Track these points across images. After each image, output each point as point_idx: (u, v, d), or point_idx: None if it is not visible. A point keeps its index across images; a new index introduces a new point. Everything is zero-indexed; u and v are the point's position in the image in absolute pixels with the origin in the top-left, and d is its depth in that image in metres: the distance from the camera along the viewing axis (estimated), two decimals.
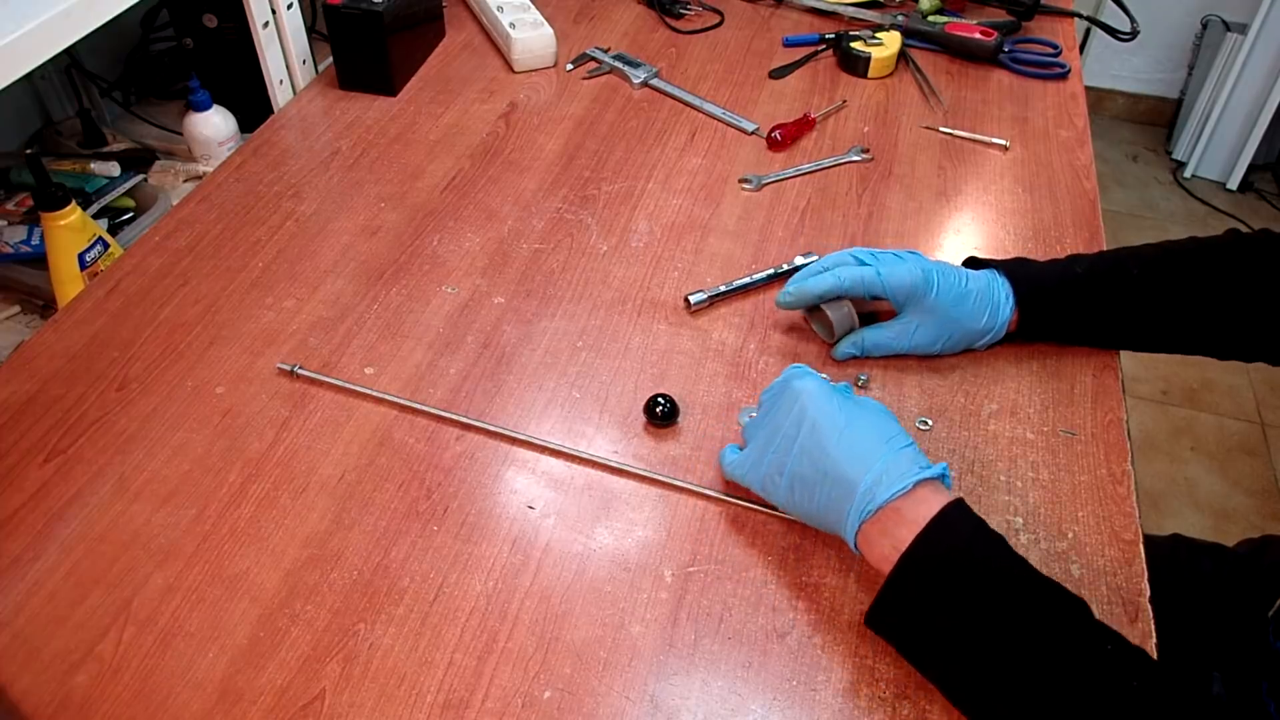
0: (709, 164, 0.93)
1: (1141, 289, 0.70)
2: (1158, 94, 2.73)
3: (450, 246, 0.82)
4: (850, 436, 0.55)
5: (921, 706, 0.53)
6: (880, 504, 0.52)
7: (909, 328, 0.71)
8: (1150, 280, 0.70)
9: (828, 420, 0.56)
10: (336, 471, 0.64)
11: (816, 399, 0.57)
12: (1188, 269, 0.71)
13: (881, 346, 0.72)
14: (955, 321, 0.70)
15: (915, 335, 0.71)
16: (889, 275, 0.69)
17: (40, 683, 0.53)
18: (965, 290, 0.70)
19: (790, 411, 0.57)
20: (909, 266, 0.69)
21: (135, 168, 1.02)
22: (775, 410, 0.59)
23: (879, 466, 0.53)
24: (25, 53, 0.67)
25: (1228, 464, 1.86)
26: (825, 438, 0.55)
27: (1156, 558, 0.60)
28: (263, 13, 0.96)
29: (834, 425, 0.55)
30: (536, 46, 1.05)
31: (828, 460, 0.54)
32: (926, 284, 0.69)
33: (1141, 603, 0.58)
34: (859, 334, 0.72)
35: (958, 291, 0.69)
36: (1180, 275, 0.70)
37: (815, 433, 0.55)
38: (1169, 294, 0.70)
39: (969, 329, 0.70)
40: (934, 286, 0.69)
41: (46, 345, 0.72)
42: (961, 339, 0.71)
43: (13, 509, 0.61)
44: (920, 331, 0.71)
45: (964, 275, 0.70)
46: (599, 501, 0.63)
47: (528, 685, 0.53)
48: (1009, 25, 1.14)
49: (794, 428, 0.57)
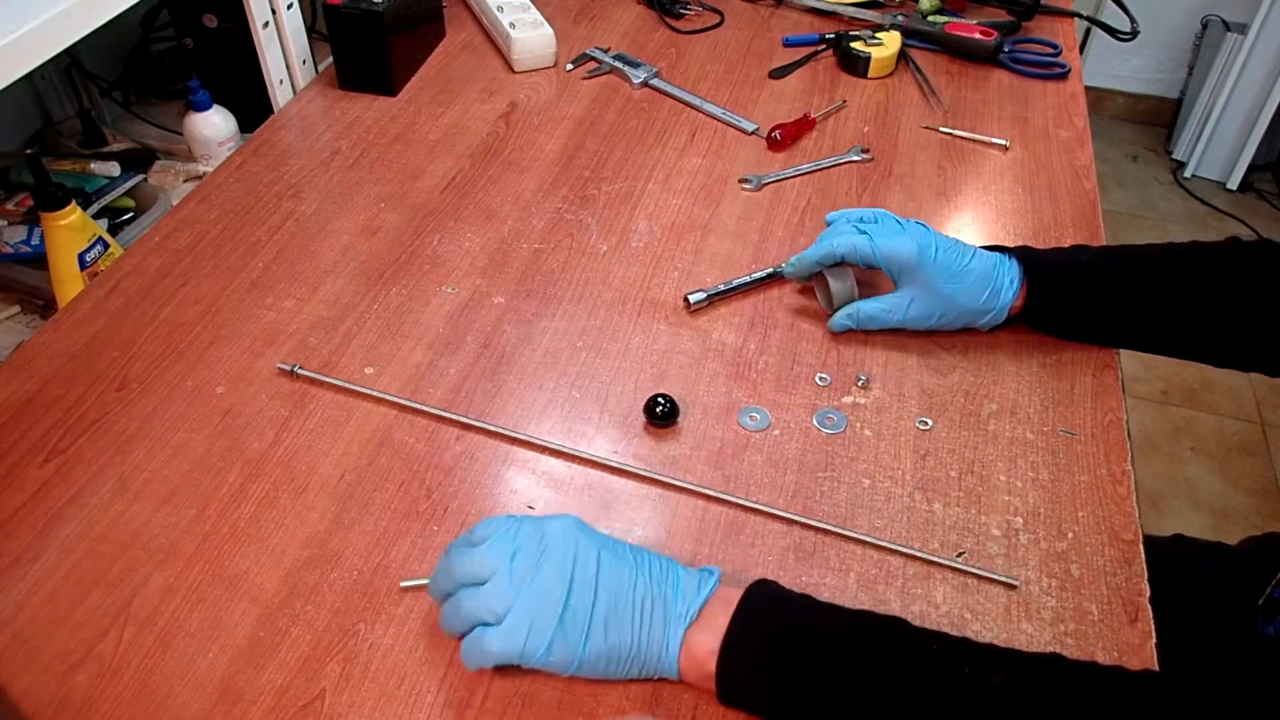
0: (709, 164, 0.93)
1: (1144, 286, 0.70)
2: (1158, 94, 2.73)
3: (450, 246, 0.82)
4: (644, 563, 0.52)
5: None
6: (700, 604, 0.51)
7: (904, 301, 0.70)
8: (1153, 279, 0.70)
9: (616, 555, 0.52)
10: (336, 471, 0.64)
11: (589, 545, 0.52)
12: (1190, 272, 0.70)
13: (876, 319, 0.72)
14: (951, 299, 0.69)
15: (910, 309, 0.70)
16: (883, 244, 0.68)
17: (40, 683, 0.53)
18: (965, 268, 0.69)
19: (567, 556, 0.51)
20: (905, 238, 0.68)
21: (135, 168, 1.02)
22: (543, 562, 0.50)
23: (681, 580, 0.52)
24: (25, 53, 0.67)
25: (1228, 464, 1.86)
26: (622, 570, 0.51)
27: (1159, 558, 0.60)
28: (263, 13, 0.96)
29: (624, 558, 0.52)
30: (536, 46, 1.05)
31: (634, 589, 0.51)
32: (922, 257, 0.68)
33: (1141, 603, 0.58)
34: (854, 305, 0.72)
35: (956, 268, 0.69)
36: (1182, 278, 0.70)
37: (611, 567, 0.51)
38: (1170, 295, 0.70)
39: (966, 307, 0.70)
40: (931, 260, 0.68)
41: (46, 345, 0.72)
42: (958, 317, 0.71)
43: (13, 509, 0.61)
44: (915, 305, 0.70)
45: (967, 253, 0.70)
46: (599, 501, 0.63)
47: (528, 685, 0.53)
48: (1009, 25, 1.14)
49: (582, 569, 0.50)
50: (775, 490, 0.64)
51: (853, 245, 0.70)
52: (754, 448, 0.66)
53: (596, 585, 0.50)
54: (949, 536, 0.61)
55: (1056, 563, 0.60)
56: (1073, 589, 0.58)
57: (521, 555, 0.50)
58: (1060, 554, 0.61)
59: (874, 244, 0.69)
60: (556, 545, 0.51)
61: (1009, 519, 0.63)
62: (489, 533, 0.52)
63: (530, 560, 0.50)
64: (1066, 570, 0.60)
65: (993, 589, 0.58)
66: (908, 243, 0.68)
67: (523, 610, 0.49)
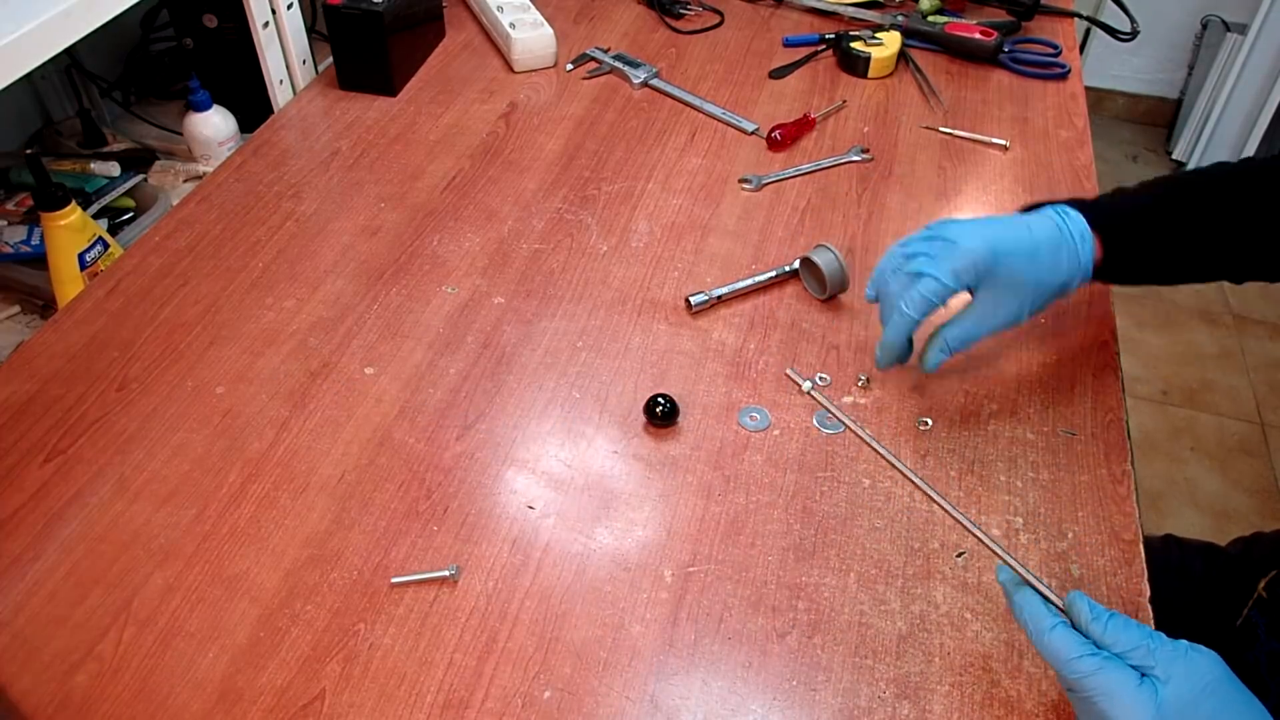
0: (709, 164, 0.93)
1: (1215, 212, 0.66)
2: (1158, 94, 2.73)
3: (450, 246, 0.82)
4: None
5: (921, 706, 0.53)
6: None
7: (989, 309, 0.64)
8: (1219, 202, 0.66)
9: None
10: (336, 471, 0.64)
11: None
12: (1248, 189, 0.66)
13: (968, 337, 0.65)
14: (1035, 283, 0.63)
15: (998, 314, 0.64)
16: (949, 274, 0.62)
17: (40, 683, 0.53)
18: (1035, 245, 0.63)
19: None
20: (963, 251, 0.62)
21: (135, 168, 1.02)
22: None
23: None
24: (25, 53, 0.67)
25: (1228, 464, 1.86)
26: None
27: (1149, 558, 0.60)
28: (263, 13, 0.96)
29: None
30: (536, 46, 1.05)
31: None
32: (992, 260, 0.61)
33: (1141, 603, 0.58)
34: (939, 336, 0.65)
35: (1028, 249, 0.62)
36: (1243, 196, 0.66)
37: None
38: (1239, 215, 0.66)
39: (1051, 284, 0.64)
40: (1000, 258, 0.61)
41: (46, 345, 0.72)
42: (1048, 296, 0.65)
43: (13, 509, 0.61)
44: (1002, 308, 0.64)
45: (1027, 226, 0.63)
46: (599, 501, 0.63)
47: (528, 685, 0.53)
48: (1009, 25, 1.14)
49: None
50: (775, 490, 0.64)
51: (921, 295, 0.62)
52: (754, 448, 0.66)
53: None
54: (949, 537, 0.61)
55: (1057, 563, 0.60)
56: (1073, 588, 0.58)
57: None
58: (1060, 554, 0.61)
59: (940, 281, 0.61)
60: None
61: (1009, 519, 0.63)
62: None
63: None
64: (1067, 570, 0.60)
65: (993, 589, 0.58)
66: (970, 252, 0.61)
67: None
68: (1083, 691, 0.47)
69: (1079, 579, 0.59)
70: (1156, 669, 0.46)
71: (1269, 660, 0.74)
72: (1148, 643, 0.47)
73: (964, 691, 0.54)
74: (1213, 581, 0.86)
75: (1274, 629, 0.75)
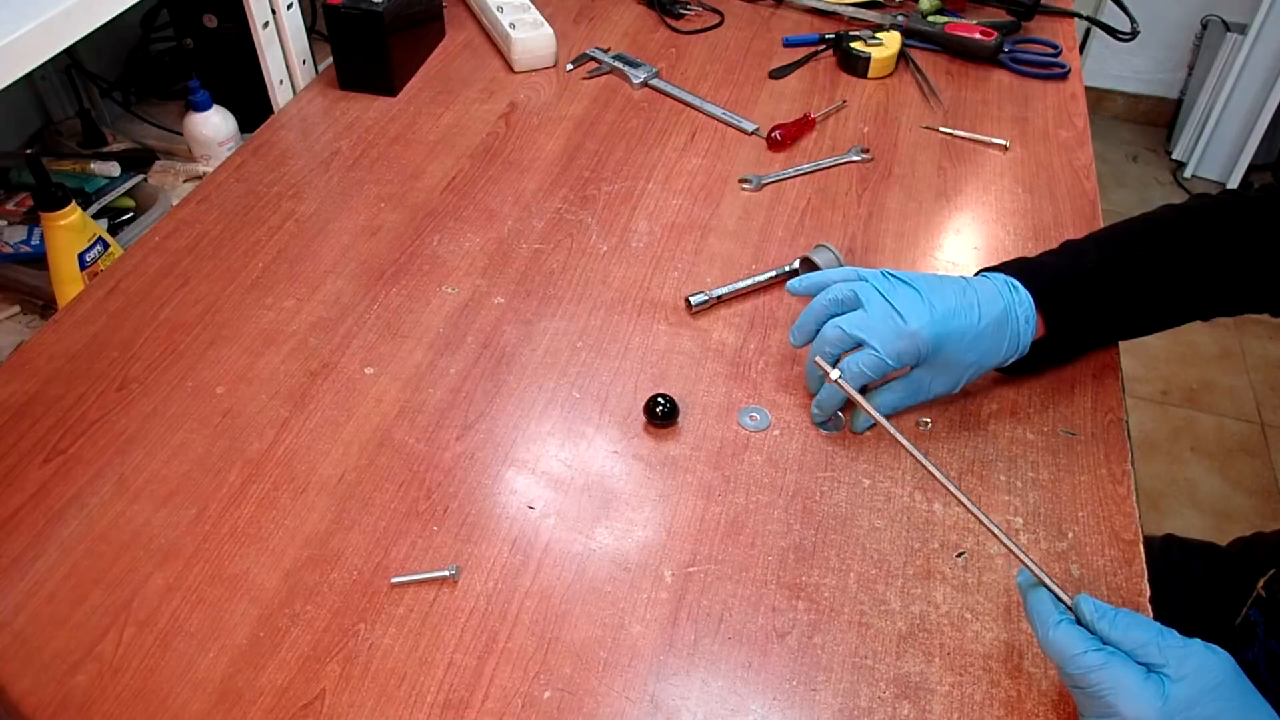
0: (709, 164, 0.93)
1: (1149, 268, 0.67)
2: (1158, 94, 2.73)
3: (450, 246, 0.82)
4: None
5: (921, 706, 0.53)
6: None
7: (924, 383, 0.65)
8: (1156, 261, 0.67)
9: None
10: (336, 471, 0.64)
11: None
12: (1184, 240, 0.68)
13: (900, 406, 0.67)
14: (975, 364, 0.65)
15: (932, 388, 0.66)
16: (893, 354, 0.61)
17: (40, 683, 0.53)
18: (980, 330, 0.63)
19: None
20: (910, 335, 0.61)
21: (135, 168, 1.02)
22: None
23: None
24: (25, 53, 0.67)
25: (1228, 464, 1.86)
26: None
27: (1149, 558, 0.61)
28: (263, 13, 0.96)
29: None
30: (536, 46, 1.05)
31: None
32: (937, 345, 0.62)
33: (1141, 603, 0.58)
34: (870, 402, 0.62)
35: (972, 334, 0.63)
36: (1177, 245, 0.67)
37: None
38: (1174, 266, 0.67)
39: (989, 364, 0.66)
40: (945, 343, 0.62)
41: (46, 345, 0.72)
42: (984, 371, 0.66)
43: (13, 509, 0.61)
44: (937, 383, 0.65)
45: (977, 307, 0.63)
46: (599, 501, 0.63)
47: (528, 685, 0.53)
48: (1009, 25, 1.14)
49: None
50: (775, 490, 0.64)
51: (860, 368, 0.62)
52: (754, 448, 0.66)
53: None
54: (949, 537, 0.61)
55: (1057, 563, 0.60)
56: (1073, 589, 0.58)
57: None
58: (1060, 554, 0.61)
59: (882, 359, 0.61)
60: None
61: (1009, 519, 0.63)
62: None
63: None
64: (1067, 570, 0.60)
65: (993, 588, 0.58)
66: (915, 340, 0.61)
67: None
68: (1088, 686, 0.47)
69: (1079, 579, 0.59)
70: (1167, 666, 0.46)
71: (1268, 659, 0.74)
72: (1158, 640, 0.47)
73: (964, 691, 0.54)
74: (1212, 581, 0.86)
75: (1273, 628, 0.75)
